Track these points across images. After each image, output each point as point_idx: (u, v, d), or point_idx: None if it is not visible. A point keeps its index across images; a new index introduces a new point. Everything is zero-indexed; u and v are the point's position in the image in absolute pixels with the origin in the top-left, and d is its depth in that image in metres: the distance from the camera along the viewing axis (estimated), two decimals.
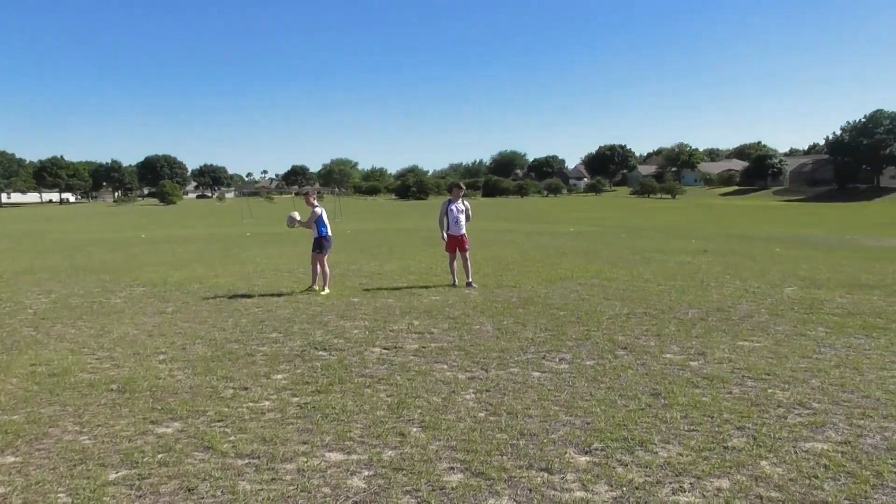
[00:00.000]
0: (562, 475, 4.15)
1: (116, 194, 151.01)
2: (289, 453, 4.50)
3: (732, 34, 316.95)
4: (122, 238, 29.18)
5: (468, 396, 5.73)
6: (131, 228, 40.11)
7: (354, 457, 4.44)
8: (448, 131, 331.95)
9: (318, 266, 11.68)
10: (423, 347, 7.52)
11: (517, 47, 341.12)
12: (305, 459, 4.40)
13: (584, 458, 4.40)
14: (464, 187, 13.17)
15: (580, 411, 5.32)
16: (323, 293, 11.33)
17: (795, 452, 4.46)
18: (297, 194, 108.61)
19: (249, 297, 11.11)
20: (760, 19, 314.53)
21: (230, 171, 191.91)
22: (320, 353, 7.29)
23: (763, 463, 4.30)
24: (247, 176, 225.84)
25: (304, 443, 4.68)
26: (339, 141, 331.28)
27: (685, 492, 3.92)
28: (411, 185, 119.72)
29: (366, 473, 4.20)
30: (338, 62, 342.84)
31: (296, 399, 5.67)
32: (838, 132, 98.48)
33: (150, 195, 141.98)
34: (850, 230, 33.87)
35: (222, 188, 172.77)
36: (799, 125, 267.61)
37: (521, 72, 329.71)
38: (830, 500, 3.79)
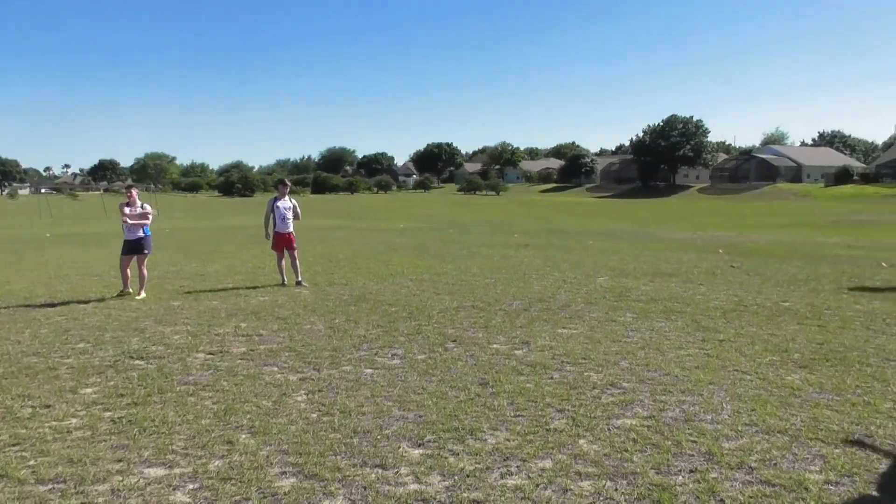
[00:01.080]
0: (396, 470, 4.18)
1: None
2: (101, 473, 4.13)
3: (542, 39, 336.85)
4: None
5: (300, 398, 5.60)
6: None
7: (177, 470, 4.18)
8: (273, 126, 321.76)
9: (139, 268, 10.86)
10: (252, 350, 7.24)
11: (341, 41, 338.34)
12: (121, 478, 4.06)
13: (417, 451, 4.46)
14: (289, 184, 12.87)
15: (413, 405, 5.39)
16: (139, 297, 10.55)
17: (609, 429, 4.83)
18: (106, 190, 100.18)
19: (51, 305, 10.07)
20: (565, 26, 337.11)
21: (24, 165, 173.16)
22: (136, 362, 6.78)
23: (581, 441, 4.61)
24: (45, 171, 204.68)
25: (120, 460, 4.32)
26: (153, 134, 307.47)
27: (513, 475, 4.10)
28: (236, 182, 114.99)
29: (190, 487, 3.96)
30: (149, 48, 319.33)
31: (108, 414, 5.22)
32: (640, 134, 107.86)
33: None
34: (652, 224, 37.34)
35: (14, 184, 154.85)
36: (607, 127, 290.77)
37: (347, 67, 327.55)
38: (639, 470, 4.14)
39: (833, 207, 59.81)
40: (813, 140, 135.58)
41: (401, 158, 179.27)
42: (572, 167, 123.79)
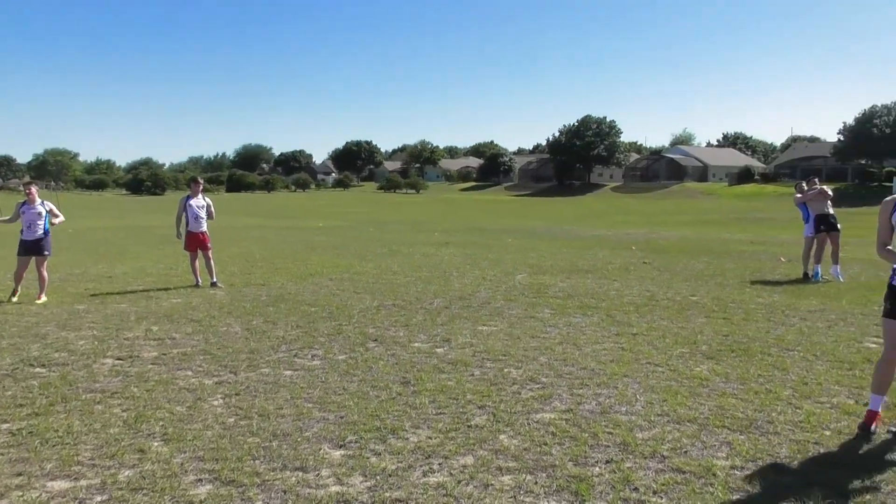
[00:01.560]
0: (317, 472, 4.12)
1: None
2: None
3: (459, 38, 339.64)
4: None
5: (216, 402, 5.44)
6: None
7: (84, 482, 3.97)
8: (185, 122, 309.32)
9: (38, 270, 10.24)
10: (164, 354, 6.97)
11: (252, 34, 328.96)
12: (21, 493, 3.83)
13: (338, 453, 4.41)
14: (202, 182, 12.50)
15: (334, 406, 5.33)
16: (39, 301, 9.97)
17: (528, 424, 4.92)
18: (0, 188, 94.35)
19: None
20: (480, 26, 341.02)
21: None
22: (37, 369, 6.41)
23: (502, 437, 4.67)
24: None
25: (19, 474, 4.07)
26: (52, 130, 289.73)
27: (434, 472, 4.11)
28: (145, 180, 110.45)
29: (98, 499, 3.77)
30: (45, 35, 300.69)
31: (6, 426, 4.91)
32: (556, 134, 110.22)
33: None
34: (568, 222, 38.27)
35: None
36: (525, 126, 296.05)
37: (261, 61, 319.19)
38: (558, 462, 4.23)
39: (736, 205, 62.96)
40: (718, 141, 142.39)
41: (319, 156, 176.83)
42: (491, 166, 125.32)
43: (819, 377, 6.06)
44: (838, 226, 12.54)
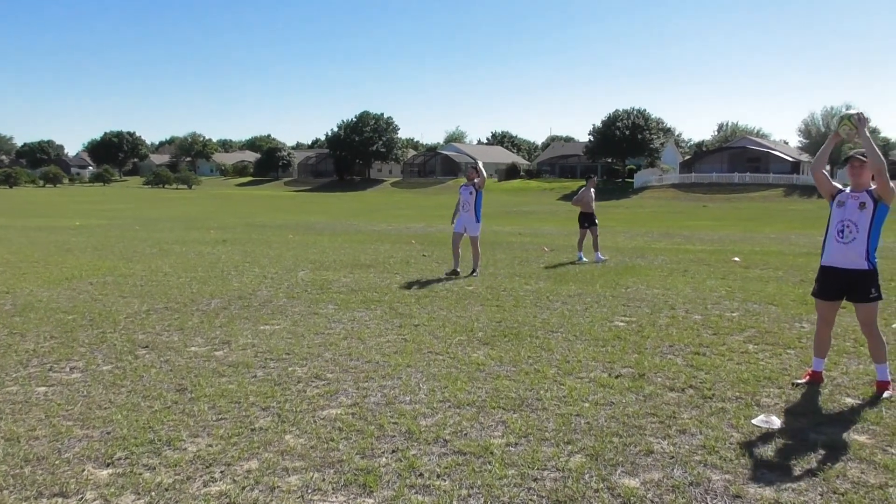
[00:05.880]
0: (80, 496, 3.73)
1: None
2: None
3: (226, 25, 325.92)
4: None
5: None
6: None
7: None
8: None
9: None
10: None
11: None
12: None
13: (105, 472, 4.03)
14: None
15: (98, 421, 4.85)
16: None
17: (314, 421, 4.88)
18: None
19: None
20: (250, 15, 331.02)
21: None
22: None
23: (287, 437, 4.58)
24: None
25: None
26: None
27: (216, 481, 3.92)
28: None
29: None
30: None
31: None
32: (335, 129, 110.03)
33: None
34: (350, 216, 38.40)
35: None
36: (303, 121, 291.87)
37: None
38: (345, 457, 4.25)
39: (505, 199, 67.56)
40: (487, 139, 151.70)
41: (73, 148, 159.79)
42: (269, 160, 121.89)
43: (578, 355, 6.73)
44: (596, 220, 15.08)
